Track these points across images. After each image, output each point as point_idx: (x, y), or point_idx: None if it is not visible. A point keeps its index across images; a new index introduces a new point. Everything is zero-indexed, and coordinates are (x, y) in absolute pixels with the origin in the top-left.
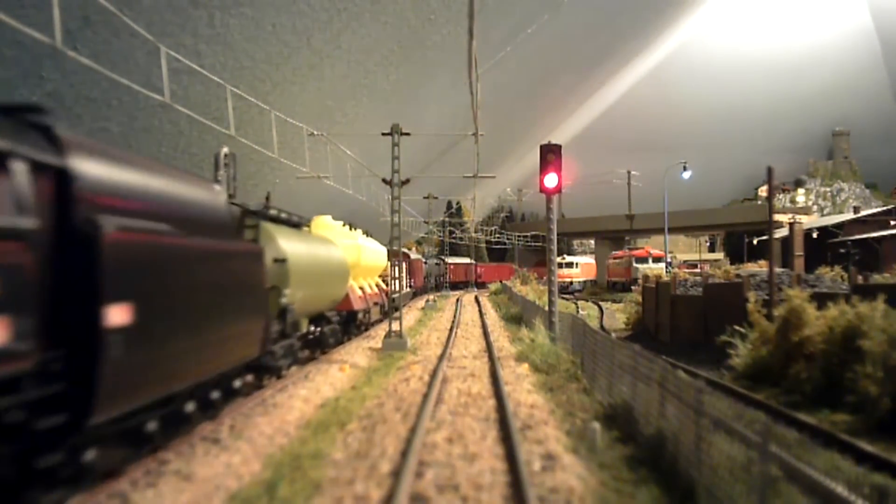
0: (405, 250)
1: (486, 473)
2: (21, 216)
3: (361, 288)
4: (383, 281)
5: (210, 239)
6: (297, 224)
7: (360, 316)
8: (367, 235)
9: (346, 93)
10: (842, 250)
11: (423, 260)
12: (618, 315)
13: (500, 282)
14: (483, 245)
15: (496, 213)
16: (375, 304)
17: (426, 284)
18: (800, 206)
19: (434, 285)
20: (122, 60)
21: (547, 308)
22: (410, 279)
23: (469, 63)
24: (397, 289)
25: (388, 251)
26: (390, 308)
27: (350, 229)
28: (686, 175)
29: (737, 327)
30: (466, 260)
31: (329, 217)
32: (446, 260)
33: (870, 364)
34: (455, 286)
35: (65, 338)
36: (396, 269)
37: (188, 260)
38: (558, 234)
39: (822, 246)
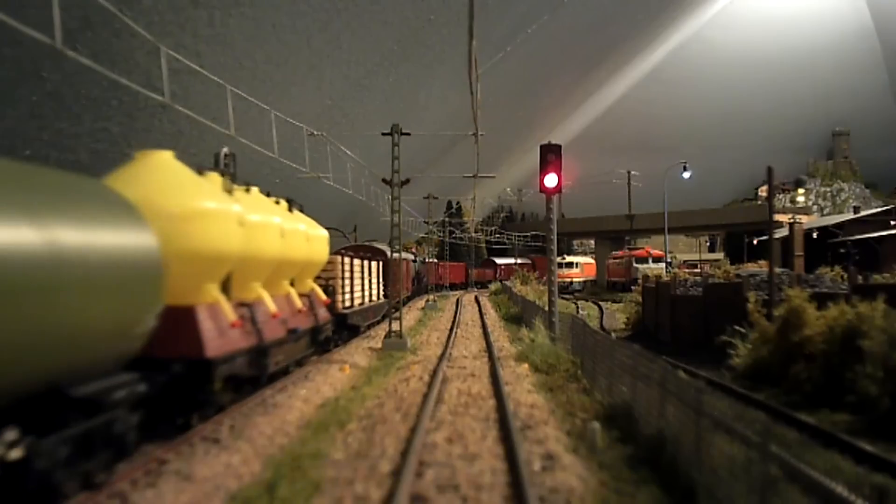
0: (372, 243)
1: (486, 473)
2: None
3: (247, 306)
4: (326, 288)
5: None
6: None
7: (226, 367)
8: (293, 207)
9: (346, 93)
10: (842, 250)
11: (413, 258)
12: (618, 315)
13: (500, 281)
14: (483, 245)
15: (496, 213)
16: (293, 331)
17: (420, 287)
18: (800, 206)
19: (430, 288)
20: (122, 60)
21: (547, 308)
22: (387, 285)
23: (469, 63)
24: (355, 302)
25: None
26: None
27: (244, 189)
28: (686, 175)
29: (737, 327)
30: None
31: (171, 155)
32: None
33: (870, 364)
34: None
35: None
36: (368, 271)
37: None
38: (558, 234)
39: (822, 246)
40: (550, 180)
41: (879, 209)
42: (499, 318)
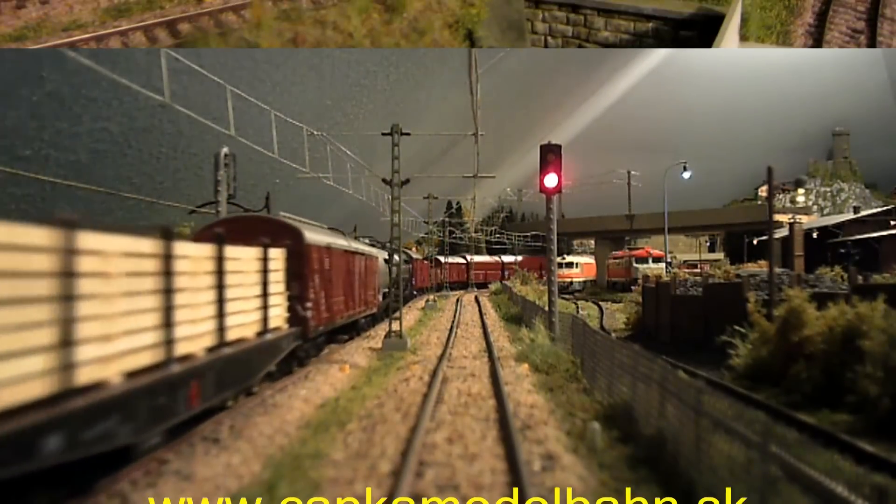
0: (280, 216)
1: (486, 473)
2: None
3: None
4: None
5: None
6: None
7: None
8: None
9: (346, 93)
10: (842, 250)
11: (385, 256)
12: (618, 315)
13: (500, 281)
14: (483, 245)
15: (496, 213)
16: None
17: (408, 291)
18: (800, 206)
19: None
20: (122, 60)
21: (547, 308)
22: (304, 295)
23: (469, 63)
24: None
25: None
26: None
27: None
28: (686, 175)
29: (737, 327)
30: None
31: None
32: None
33: (870, 364)
34: None
35: None
36: (217, 271)
37: None
38: (558, 234)
39: (822, 246)
40: (550, 180)
41: (879, 209)
42: (499, 318)
